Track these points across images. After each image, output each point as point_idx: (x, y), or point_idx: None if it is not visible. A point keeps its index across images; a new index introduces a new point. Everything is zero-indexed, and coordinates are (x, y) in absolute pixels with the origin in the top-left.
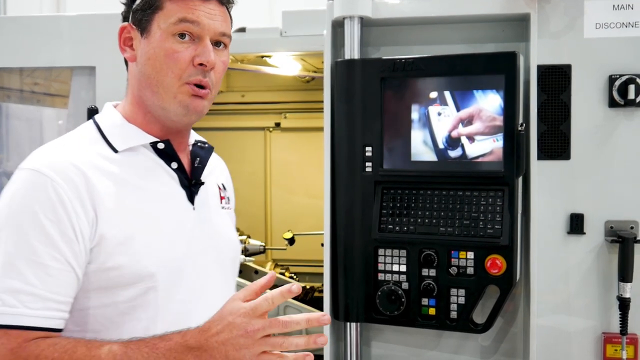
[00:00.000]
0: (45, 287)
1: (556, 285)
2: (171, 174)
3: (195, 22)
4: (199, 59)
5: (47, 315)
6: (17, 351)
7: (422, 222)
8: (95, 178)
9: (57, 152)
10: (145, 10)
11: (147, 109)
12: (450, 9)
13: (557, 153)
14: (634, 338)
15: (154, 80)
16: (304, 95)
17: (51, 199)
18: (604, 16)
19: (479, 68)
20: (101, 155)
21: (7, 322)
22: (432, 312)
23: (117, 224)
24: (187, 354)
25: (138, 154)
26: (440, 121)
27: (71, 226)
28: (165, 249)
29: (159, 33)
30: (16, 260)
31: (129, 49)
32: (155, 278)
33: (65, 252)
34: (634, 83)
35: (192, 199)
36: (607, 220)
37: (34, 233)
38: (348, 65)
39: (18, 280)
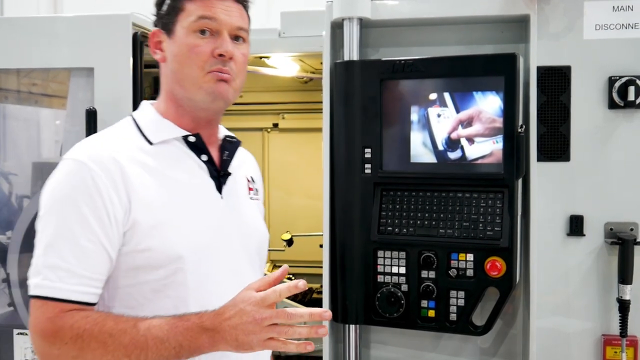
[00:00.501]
0: (80, 265)
1: (556, 287)
2: (201, 165)
3: (213, 18)
4: (218, 50)
5: (81, 290)
6: (54, 320)
7: (422, 224)
8: (130, 168)
9: (98, 144)
10: (170, 14)
11: (178, 103)
12: (450, 10)
13: (557, 155)
14: (633, 340)
15: (180, 74)
16: (302, 95)
17: (89, 187)
18: (604, 17)
19: (478, 69)
20: (137, 147)
21: (46, 294)
22: (432, 314)
23: (149, 210)
24: (202, 334)
25: (171, 147)
26: (439, 123)
27: (106, 212)
28: (193, 233)
29: (182, 32)
30: (57, 241)
31: (159, 51)
32: (183, 260)
33: (100, 235)
34: (633, 84)
35: (220, 189)
36: (607, 222)
37: (73, 217)
38: (347, 66)
39: (58, 258)
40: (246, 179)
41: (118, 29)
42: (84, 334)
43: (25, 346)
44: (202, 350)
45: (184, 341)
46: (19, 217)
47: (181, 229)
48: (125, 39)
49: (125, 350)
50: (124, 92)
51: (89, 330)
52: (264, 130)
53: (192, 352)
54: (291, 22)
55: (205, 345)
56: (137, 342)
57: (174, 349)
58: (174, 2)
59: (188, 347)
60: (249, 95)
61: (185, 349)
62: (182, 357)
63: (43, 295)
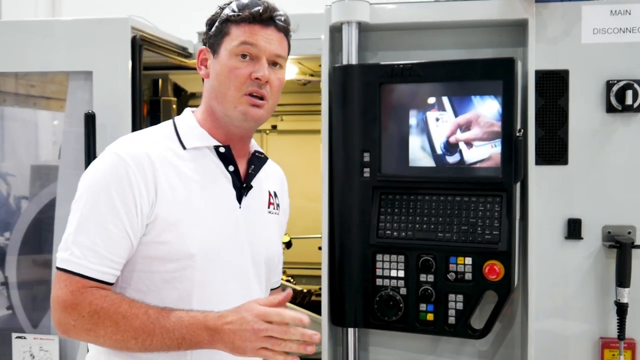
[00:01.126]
0: (105, 247)
1: (554, 290)
2: (226, 175)
3: (254, 44)
4: (255, 74)
5: (102, 270)
6: (75, 293)
7: (420, 227)
8: (161, 168)
9: (137, 142)
10: (217, 36)
11: (215, 117)
12: (448, 15)
13: (555, 158)
14: (631, 343)
15: (219, 92)
16: (300, 97)
17: (122, 179)
18: (602, 21)
19: (477, 74)
20: (171, 150)
21: (72, 269)
22: (430, 317)
23: (171, 208)
24: (204, 331)
25: (202, 154)
26: (438, 127)
27: (134, 203)
28: (207, 235)
29: (225, 54)
30: (88, 222)
31: (204, 68)
32: (194, 258)
33: (125, 222)
34: (631, 88)
35: (240, 199)
36: (605, 225)
37: (105, 204)
38: (346, 70)
39: (86, 237)
40: (269, 193)
41: (117, 33)
42: (100, 311)
43: (24, 350)
44: (201, 346)
45: (187, 334)
46: (16, 218)
47: (196, 230)
48: (124, 42)
49: (134, 333)
50: (122, 95)
51: (105, 308)
52: (262, 132)
53: (192, 346)
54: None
55: (204, 341)
56: (146, 328)
57: (177, 339)
58: (221, 25)
59: (189, 340)
60: None
61: (187, 342)
62: (181, 349)
63: (69, 269)
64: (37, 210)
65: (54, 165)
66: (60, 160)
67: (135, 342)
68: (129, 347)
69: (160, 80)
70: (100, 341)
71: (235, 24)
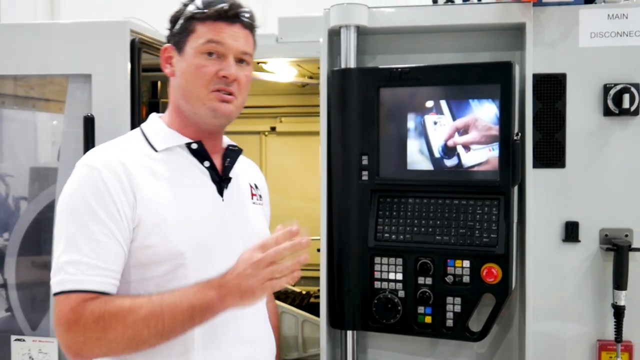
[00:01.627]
0: (99, 258)
1: (552, 293)
2: (204, 171)
3: (220, 42)
4: (222, 72)
5: (100, 281)
6: (76, 309)
7: (419, 230)
8: (136, 171)
9: (107, 150)
10: (182, 34)
11: (183, 115)
12: (446, 18)
13: (553, 161)
14: (628, 345)
15: (186, 90)
16: (299, 99)
17: (99, 187)
18: (599, 25)
19: (474, 77)
20: (144, 154)
21: (67, 288)
22: (428, 320)
23: (152, 209)
24: (211, 290)
25: (175, 154)
26: (436, 130)
27: (116, 208)
28: (194, 232)
29: (191, 52)
30: (75, 238)
31: (169, 66)
32: (184, 256)
33: (112, 228)
34: (628, 92)
35: (221, 192)
36: (602, 228)
37: (87, 215)
38: (344, 74)
39: (77, 253)
40: (249, 185)
41: (116, 36)
42: (104, 315)
43: (23, 352)
44: (212, 307)
45: (195, 301)
46: (15, 219)
47: (182, 227)
48: (123, 45)
49: (144, 322)
50: (121, 98)
51: (108, 310)
52: (261, 134)
53: (203, 312)
54: (289, 27)
55: (214, 301)
56: (154, 312)
57: (187, 310)
58: (186, 23)
59: (199, 307)
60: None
61: (197, 309)
62: (195, 320)
63: (66, 289)
64: (36, 212)
65: (53, 167)
66: (60, 162)
67: (148, 330)
68: (145, 340)
69: (159, 82)
70: (115, 347)
71: (201, 22)
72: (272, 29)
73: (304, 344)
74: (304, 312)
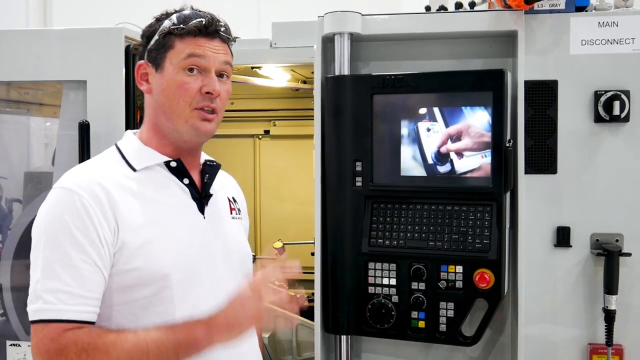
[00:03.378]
0: (78, 286)
1: (543, 297)
2: (183, 188)
3: (202, 56)
4: (206, 88)
5: (81, 310)
6: (57, 339)
7: (412, 236)
8: (116, 193)
9: (85, 172)
10: (159, 50)
11: (162, 133)
12: (439, 26)
13: (544, 167)
14: (619, 349)
15: (167, 108)
16: (293, 103)
17: (79, 211)
18: (590, 33)
19: (467, 85)
20: (122, 174)
21: (47, 317)
22: (422, 325)
23: (136, 232)
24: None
25: (154, 172)
26: (429, 137)
27: (96, 234)
28: (178, 252)
29: (171, 68)
30: (54, 264)
31: (145, 83)
32: (169, 277)
33: (93, 255)
34: (618, 99)
35: (202, 209)
36: (593, 233)
37: (66, 241)
38: (338, 80)
39: (56, 281)
40: (228, 199)
41: (110, 42)
42: (87, 347)
43: (18, 357)
44: (198, 345)
45: (182, 337)
46: (8, 221)
47: (166, 249)
48: (118, 51)
49: (128, 356)
50: (116, 104)
51: (92, 343)
52: (255, 137)
53: (189, 348)
54: (282, 32)
55: (201, 337)
56: (139, 346)
57: (173, 347)
58: (163, 39)
59: (185, 342)
60: (240, 102)
61: (183, 345)
62: (180, 356)
63: (45, 318)
64: (31, 216)
65: (47, 172)
66: (55, 167)
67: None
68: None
69: None
70: None
71: (179, 37)
72: (265, 34)
73: (298, 347)
74: (298, 316)
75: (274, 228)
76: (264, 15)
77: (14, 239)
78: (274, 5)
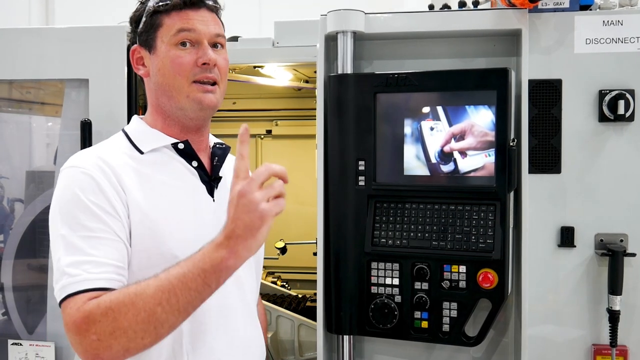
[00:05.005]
0: (101, 254)
1: (547, 298)
2: (192, 171)
3: (191, 29)
4: (201, 60)
5: (106, 277)
6: (82, 308)
7: (415, 236)
8: (124, 173)
9: (92, 153)
10: (149, 31)
11: (166, 114)
12: (442, 25)
13: (548, 167)
14: (623, 350)
15: (166, 86)
16: (295, 102)
17: (90, 184)
18: (594, 32)
19: (471, 84)
20: (129, 156)
21: (72, 290)
22: (425, 325)
23: (144, 212)
24: (218, 248)
25: (162, 155)
26: (432, 136)
27: (110, 204)
28: (187, 234)
29: (163, 46)
30: (73, 239)
31: (141, 67)
32: (178, 259)
33: (111, 225)
34: (623, 98)
35: (212, 192)
36: (597, 233)
37: (82, 214)
38: (341, 79)
39: (78, 254)
40: None
41: (112, 41)
42: (111, 304)
43: (20, 356)
44: (227, 265)
45: (205, 264)
46: (10, 221)
47: (174, 230)
48: (120, 50)
49: (154, 300)
50: (118, 103)
51: (114, 299)
52: (257, 137)
53: (218, 272)
54: (285, 31)
55: (225, 256)
56: (163, 287)
57: (199, 276)
58: (151, 19)
59: (211, 267)
60: (242, 102)
61: (209, 272)
62: (212, 285)
63: (70, 292)
64: (33, 215)
65: (49, 171)
66: (57, 166)
67: (162, 308)
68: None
69: None
70: (132, 335)
71: (166, 14)
72: (267, 33)
73: (300, 347)
74: (300, 316)
75: (275, 227)
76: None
77: (16, 239)
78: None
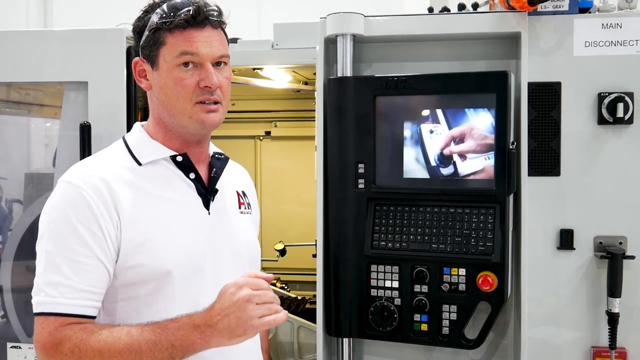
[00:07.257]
0: (80, 280)
1: (546, 300)
2: (189, 183)
3: (194, 53)
4: (203, 83)
5: (81, 304)
6: (54, 333)
7: (415, 238)
8: (119, 189)
9: (89, 166)
10: (152, 46)
11: (167, 128)
12: (442, 27)
13: (547, 169)
14: (622, 352)
15: (169, 106)
16: (294, 104)
17: (82, 206)
18: (594, 34)
19: (470, 87)
20: (126, 168)
21: (47, 310)
22: (424, 327)
23: (137, 228)
24: (194, 331)
25: (159, 166)
26: (432, 139)
27: (99, 228)
28: (180, 250)
29: (165, 66)
30: (56, 258)
31: (144, 80)
32: (171, 275)
33: (96, 250)
34: (622, 101)
35: (207, 205)
36: (596, 236)
37: (69, 235)
38: (341, 82)
39: (58, 275)
40: (237, 193)
41: (112, 43)
42: (80, 344)
43: (18, 359)
44: (194, 348)
45: (176, 341)
46: (9, 222)
47: (168, 245)
48: (119, 52)
49: (121, 356)
50: (117, 105)
51: (85, 340)
52: (256, 138)
53: (185, 352)
54: (284, 34)
55: (197, 342)
56: (131, 347)
57: (167, 349)
58: (153, 35)
59: (180, 346)
60: (241, 103)
61: (178, 349)
62: (175, 358)
63: (45, 311)
64: (32, 218)
65: (48, 173)
66: (55, 168)
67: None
68: None
69: None
70: None
71: (169, 32)
72: (266, 35)
73: (299, 350)
74: (300, 318)
75: (275, 230)
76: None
77: (15, 240)
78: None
